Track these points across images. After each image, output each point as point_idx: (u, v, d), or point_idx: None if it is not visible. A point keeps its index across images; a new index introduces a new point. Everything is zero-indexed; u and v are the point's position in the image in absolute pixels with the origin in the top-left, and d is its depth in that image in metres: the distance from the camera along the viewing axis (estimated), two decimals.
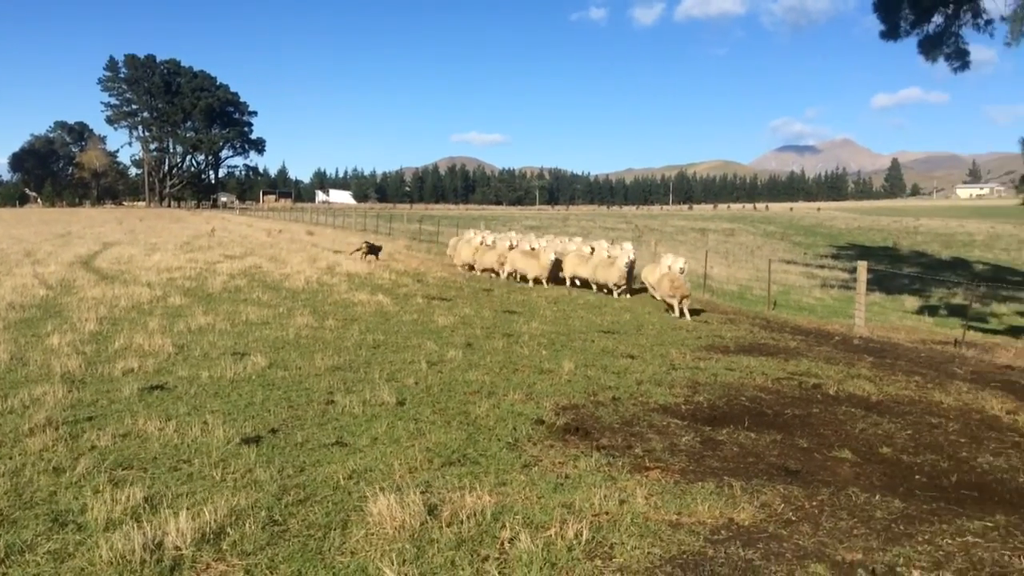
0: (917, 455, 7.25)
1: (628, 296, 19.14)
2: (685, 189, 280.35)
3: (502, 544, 4.77)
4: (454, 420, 7.48)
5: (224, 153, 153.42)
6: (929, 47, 16.93)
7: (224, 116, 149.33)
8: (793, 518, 5.47)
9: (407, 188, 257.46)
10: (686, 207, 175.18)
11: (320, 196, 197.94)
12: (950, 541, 5.18)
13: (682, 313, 16.05)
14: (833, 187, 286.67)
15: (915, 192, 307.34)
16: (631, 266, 19.14)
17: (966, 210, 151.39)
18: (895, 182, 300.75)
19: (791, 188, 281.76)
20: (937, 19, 16.91)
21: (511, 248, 22.76)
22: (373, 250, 26.67)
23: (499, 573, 4.38)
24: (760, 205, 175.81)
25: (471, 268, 24.07)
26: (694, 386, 9.56)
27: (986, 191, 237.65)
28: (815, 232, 72.28)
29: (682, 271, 16.97)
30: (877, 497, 5.97)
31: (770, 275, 20.62)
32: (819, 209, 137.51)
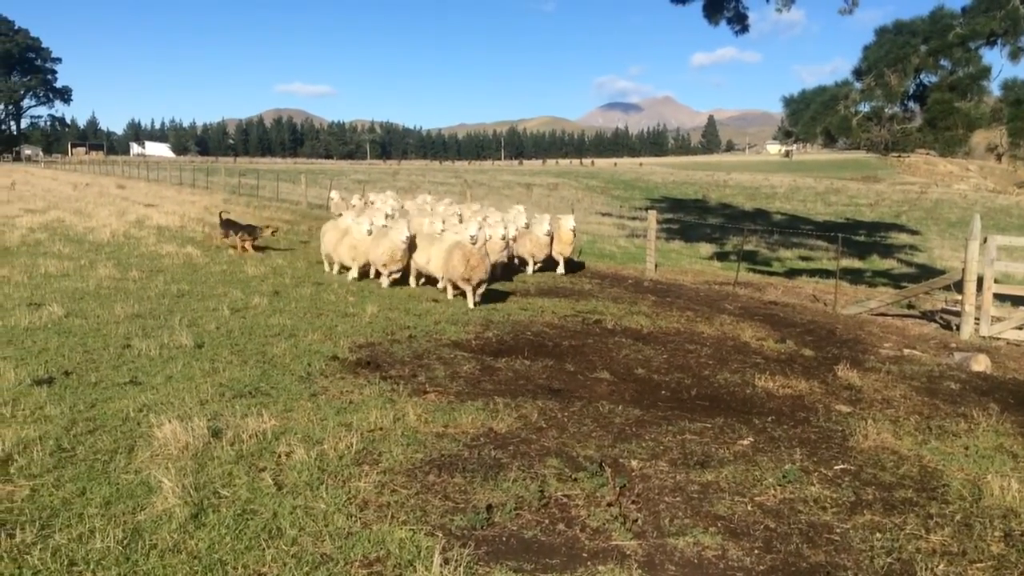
0: (667, 375, 8.33)
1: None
2: (516, 145, 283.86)
3: (279, 457, 5.30)
4: (251, 359, 7.87)
5: (26, 103, 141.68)
6: (712, 11, 18.35)
7: (25, 63, 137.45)
8: (544, 426, 6.30)
9: (231, 141, 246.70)
10: (516, 162, 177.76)
11: (135, 149, 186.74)
12: (671, 439, 6.16)
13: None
14: (655, 143, 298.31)
15: (729, 148, 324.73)
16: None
17: (774, 165, 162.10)
18: (711, 138, 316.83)
19: (616, 144, 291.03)
20: None
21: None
22: (234, 227, 17.15)
23: (272, 480, 4.92)
24: (586, 161, 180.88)
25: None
26: (487, 324, 10.33)
27: (793, 147, 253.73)
28: (634, 186, 75.57)
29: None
30: (620, 408, 6.91)
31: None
32: (641, 164, 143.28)
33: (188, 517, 4.37)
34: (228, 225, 17.17)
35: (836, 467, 5.67)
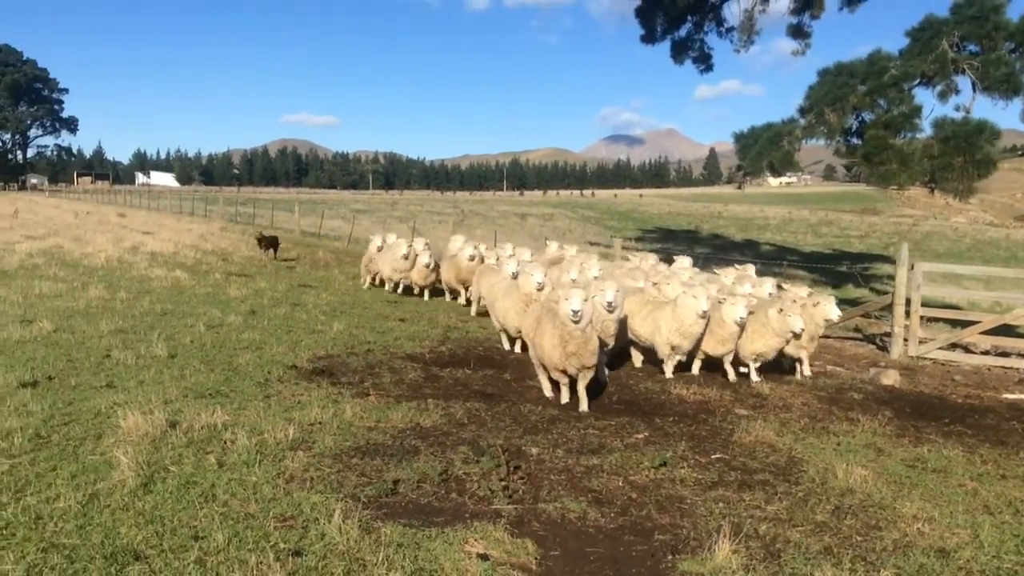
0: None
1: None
2: (519, 176, 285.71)
3: (224, 443, 6.15)
4: (217, 368, 8.73)
5: (32, 132, 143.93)
6: (678, 51, 19.38)
7: (32, 93, 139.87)
8: (466, 422, 7.15)
9: (235, 171, 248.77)
10: (518, 193, 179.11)
11: (140, 178, 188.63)
12: (574, 433, 7.01)
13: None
14: (657, 175, 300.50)
15: (730, 180, 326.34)
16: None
17: (776, 197, 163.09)
18: (713, 170, 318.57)
19: (618, 176, 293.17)
20: (687, 26, 19.47)
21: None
22: (270, 243, 22.28)
23: (216, 460, 5.76)
24: (587, 192, 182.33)
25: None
26: (444, 340, 11.18)
27: (794, 179, 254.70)
28: (629, 217, 76.71)
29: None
30: (540, 408, 7.76)
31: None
32: (641, 196, 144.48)
33: (139, 485, 5.22)
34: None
35: (712, 456, 6.50)
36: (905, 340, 12.53)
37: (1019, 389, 10.57)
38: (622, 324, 9.49)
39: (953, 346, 12.82)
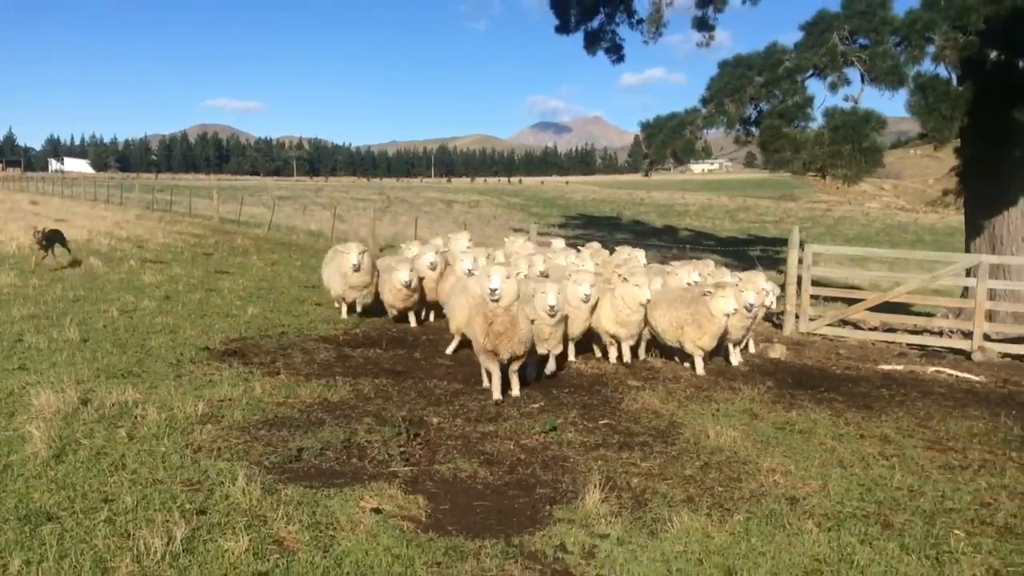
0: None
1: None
2: (447, 162, 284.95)
3: (135, 418, 6.42)
4: (130, 350, 8.92)
5: None
6: (591, 42, 19.96)
7: None
8: (373, 396, 7.55)
9: (153, 157, 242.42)
10: (445, 180, 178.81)
11: (54, 165, 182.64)
12: (475, 404, 7.46)
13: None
14: (583, 162, 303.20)
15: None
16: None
17: (698, 184, 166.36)
18: (637, 157, 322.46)
19: (545, 163, 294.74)
20: (599, 17, 20.03)
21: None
22: (51, 240, 16.19)
23: (126, 433, 6.04)
24: (515, 179, 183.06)
25: None
26: (358, 323, 11.51)
27: (716, 166, 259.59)
28: (554, 204, 77.70)
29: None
30: (445, 383, 8.20)
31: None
32: (567, 183, 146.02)
33: (51, 457, 5.48)
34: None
35: (600, 422, 7.03)
36: (797, 317, 13.35)
37: (897, 361, 11.43)
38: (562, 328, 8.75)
39: (844, 323, 13.69)
